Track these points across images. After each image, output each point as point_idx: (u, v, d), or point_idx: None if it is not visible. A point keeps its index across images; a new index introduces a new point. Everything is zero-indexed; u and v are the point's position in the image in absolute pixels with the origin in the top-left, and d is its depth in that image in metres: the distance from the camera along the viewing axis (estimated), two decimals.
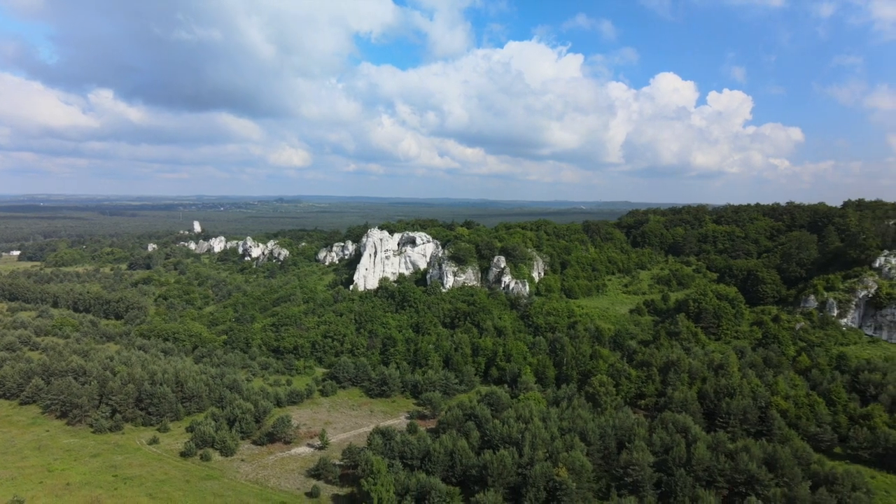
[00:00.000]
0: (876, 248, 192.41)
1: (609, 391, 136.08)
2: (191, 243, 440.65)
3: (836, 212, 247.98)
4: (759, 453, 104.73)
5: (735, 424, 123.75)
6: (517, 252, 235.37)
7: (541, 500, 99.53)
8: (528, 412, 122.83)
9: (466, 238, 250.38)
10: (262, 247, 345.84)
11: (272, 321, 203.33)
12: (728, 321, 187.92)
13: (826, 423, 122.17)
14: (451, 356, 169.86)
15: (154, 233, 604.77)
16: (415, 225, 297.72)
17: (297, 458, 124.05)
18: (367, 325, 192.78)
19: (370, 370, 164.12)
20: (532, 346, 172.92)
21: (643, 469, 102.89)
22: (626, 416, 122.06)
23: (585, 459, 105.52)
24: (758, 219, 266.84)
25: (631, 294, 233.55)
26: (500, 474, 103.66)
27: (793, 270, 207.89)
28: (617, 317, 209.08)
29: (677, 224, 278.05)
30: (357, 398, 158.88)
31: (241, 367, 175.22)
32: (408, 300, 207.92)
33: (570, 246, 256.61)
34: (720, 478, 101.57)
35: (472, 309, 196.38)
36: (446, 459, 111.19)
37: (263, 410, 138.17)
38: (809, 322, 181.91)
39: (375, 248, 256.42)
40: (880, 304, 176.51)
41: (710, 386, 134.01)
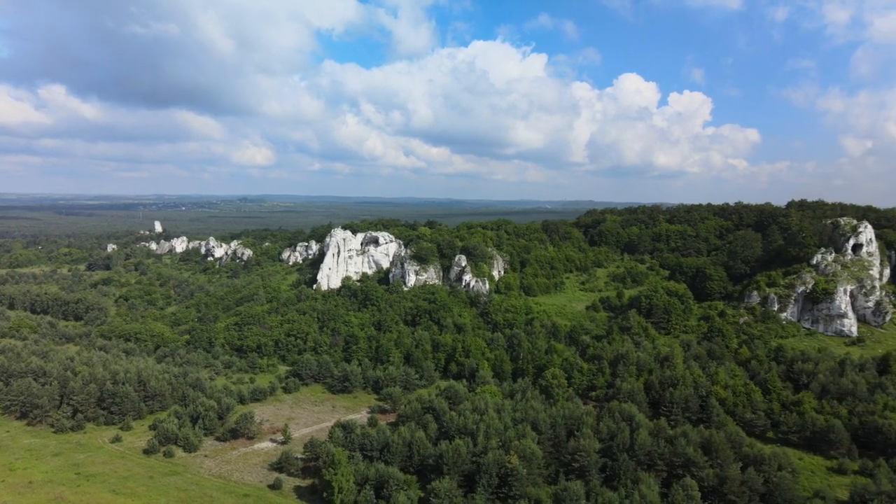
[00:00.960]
0: (814, 246, 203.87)
1: (561, 384, 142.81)
2: (152, 243, 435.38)
3: (780, 212, 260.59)
4: (696, 438, 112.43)
5: (678, 412, 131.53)
6: (478, 251, 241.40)
7: (493, 486, 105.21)
8: (484, 404, 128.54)
9: (428, 238, 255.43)
10: (226, 247, 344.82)
11: (235, 320, 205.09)
12: (677, 316, 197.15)
13: (761, 409, 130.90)
14: (411, 352, 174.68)
15: (113, 233, 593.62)
16: (378, 225, 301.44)
17: (259, 453, 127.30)
18: (330, 324, 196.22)
19: (332, 367, 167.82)
20: (490, 341, 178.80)
21: (589, 455, 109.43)
22: (577, 407, 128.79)
23: (536, 447, 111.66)
24: (708, 218, 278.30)
25: (587, 291, 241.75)
26: (455, 463, 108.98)
27: (738, 267, 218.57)
28: (573, 313, 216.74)
29: (633, 223, 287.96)
30: (320, 394, 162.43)
31: (204, 366, 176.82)
32: (370, 299, 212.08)
33: (529, 245, 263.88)
34: (660, 461, 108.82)
35: (433, 307, 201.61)
36: (404, 450, 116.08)
37: (226, 407, 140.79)
38: (752, 316, 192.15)
39: (339, 247, 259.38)
40: (817, 298, 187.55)
41: (655, 377, 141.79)
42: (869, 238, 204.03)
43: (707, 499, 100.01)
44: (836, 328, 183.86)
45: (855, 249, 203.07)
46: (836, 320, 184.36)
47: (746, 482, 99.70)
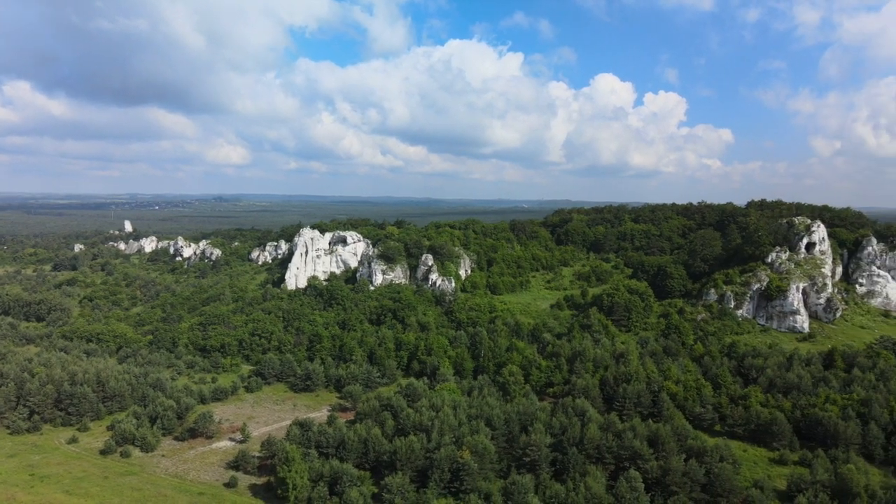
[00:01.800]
0: (769, 244, 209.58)
1: (518, 381, 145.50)
2: (120, 243, 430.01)
3: (740, 211, 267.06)
4: (643, 432, 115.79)
5: (630, 407, 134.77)
6: (444, 250, 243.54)
7: (445, 481, 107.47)
8: (441, 401, 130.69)
9: (396, 237, 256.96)
10: (194, 246, 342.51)
11: (199, 321, 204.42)
12: (638, 314, 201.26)
13: (709, 404, 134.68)
14: (374, 351, 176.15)
15: (82, 233, 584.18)
16: (346, 224, 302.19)
17: (217, 452, 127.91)
18: (295, 323, 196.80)
19: (295, 366, 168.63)
20: (453, 340, 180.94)
21: (540, 449, 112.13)
22: (532, 403, 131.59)
23: (489, 442, 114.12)
24: (672, 218, 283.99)
25: (553, 290, 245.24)
26: (409, 458, 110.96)
27: (698, 266, 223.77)
28: (538, 311, 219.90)
29: (599, 223, 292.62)
30: (282, 393, 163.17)
31: (166, 367, 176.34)
32: (335, 298, 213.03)
33: (496, 244, 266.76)
34: (608, 454, 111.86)
35: (398, 305, 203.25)
36: (360, 447, 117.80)
37: (185, 407, 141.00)
38: (709, 313, 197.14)
39: (307, 247, 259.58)
40: (771, 296, 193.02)
41: (610, 373, 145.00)
42: (822, 237, 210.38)
43: (651, 490, 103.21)
44: (789, 324, 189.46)
45: (808, 248, 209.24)
46: (788, 317, 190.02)
47: (688, 473, 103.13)
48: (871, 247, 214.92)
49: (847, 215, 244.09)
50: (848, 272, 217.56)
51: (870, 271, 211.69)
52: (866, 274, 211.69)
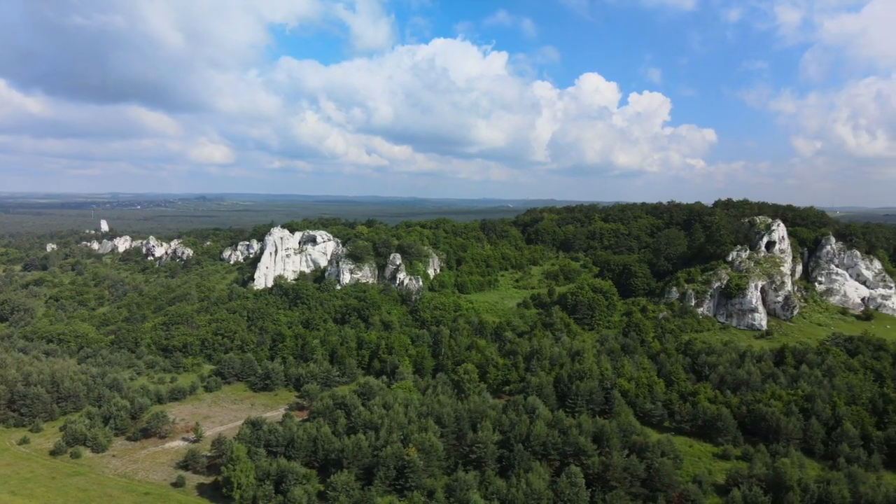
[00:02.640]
0: (730, 243, 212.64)
1: (472, 379, 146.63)
2: (94, 243, 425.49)
3: (707, 210, 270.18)
4: (589, 428, 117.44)
5: (582, 405, 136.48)
6: (413, 249, 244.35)
7: (391, 478, 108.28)
8: (393, 399, 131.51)
9: (366, 236, 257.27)
10: (166, 246, 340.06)
11: (163, 320, 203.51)
12: (601, 312, 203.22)
13: (660, 400, 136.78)
14: (336, 350, 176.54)
15: (57, 232, 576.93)
16: (317, 224, 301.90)
17: (169, 452, 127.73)
18: (259, 322, 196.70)
19: (256, 365, 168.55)
20: (416, 338, 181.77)
21: (487, 446, 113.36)
22: (484, 401, 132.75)
23: (437, 440, 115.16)
24: (641, 217, 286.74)
25: (521, 289, 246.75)
26: (356, 456, 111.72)
27: (662, 265, 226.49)
28: (504, 310, 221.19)
29: (570, 222, 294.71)
30: (241, 393, 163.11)
31: (127, 367, 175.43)
32: (300, 297, 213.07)
33: (466, 243, 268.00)
34: (553, 451, 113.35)
35: (363, 305, 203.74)
36: (309, 445, 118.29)
37: (139, 407, 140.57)
38: (671, 311, 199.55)
39: (276, 246, 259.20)
40: (730, 294, 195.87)
41: (565, 371, 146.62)
42: (781, 236, 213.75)
43: (592, 485, 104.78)
44: (748, 322, 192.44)
45: (769, 247, 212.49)
46: (747, 314, 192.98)
47: (628, 468, 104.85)
48: (830, 245, 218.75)
49: (809, 214, 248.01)
50: (808, 270, 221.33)
51: (828, 269, 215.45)
52: (825, 272, 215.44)
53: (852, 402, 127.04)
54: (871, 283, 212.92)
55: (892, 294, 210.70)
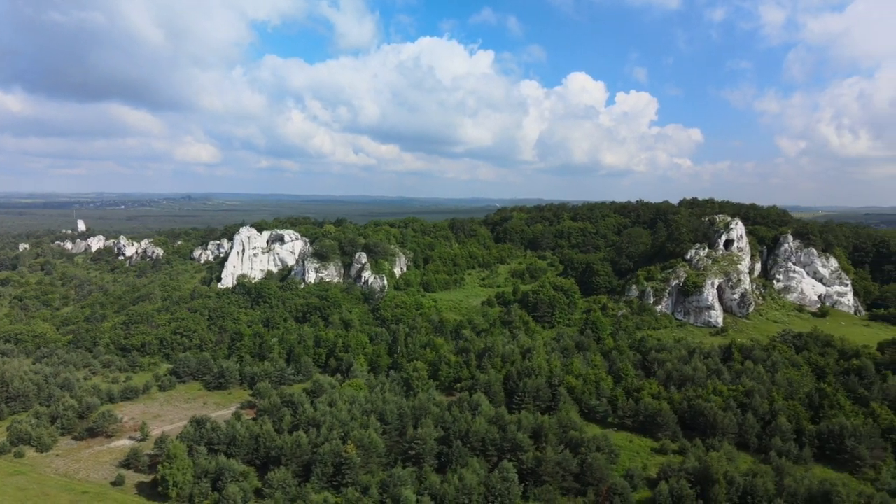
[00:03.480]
0: (689, 241, 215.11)
1: (421, 376, 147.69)
2: (67, 243, 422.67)
3: (672, 209, 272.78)
4: (528, 424, 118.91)
5: (529, 401, 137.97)
6: (379, 248, 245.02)
7: (328, 475, 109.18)
8: (339, 397, 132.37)
9: (333, 235, 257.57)
10: (137, 245, 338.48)
11: (123, 319, 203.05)
12: (561, 310, 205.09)
13: (605, 396, 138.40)
14: (294, 348, 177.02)
15: (33, 232, 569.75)
16: (285, 223, 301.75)
17: (114, 451, 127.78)
18: (219, 321, 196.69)
19: (212, 364, 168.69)
20: (374, 337, 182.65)
21: (426, 442, 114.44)
22: (429, 398, 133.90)
23: (377, 437, 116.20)
24: (609, 215, 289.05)
25: (487, 287, 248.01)
26: (294, 454, 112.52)
27: (623, 263, 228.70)
28: (468, 308, 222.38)
29: (538, 221, 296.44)
30: (195, 392, 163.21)
31: (83, 366, 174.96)
32: (262, 296, 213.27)
33: (434, 242, 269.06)
34: (491, 447, 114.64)
35: (325, 303, 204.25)
36: (251, 443, 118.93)
37: (88, 406, 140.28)
38: (629, 309, 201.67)
39: (243, 245, 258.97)
40: (688, 291, 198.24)
41: (515, 368, 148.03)
42: (740, 234, 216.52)
43: (526, 479, 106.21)
44: (705, 319, 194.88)
45: (727, 245, 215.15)
46: (704, 312, 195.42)
47: (561, 463, 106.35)
48: (788, 244, 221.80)
49: (771, 213, 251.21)
50: (767, 268, 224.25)
51: (786, 267, 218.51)
52: (783, 270, 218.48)
53: (790, 397, 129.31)
54: (827, 280, 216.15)
55: (848, 291, 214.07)
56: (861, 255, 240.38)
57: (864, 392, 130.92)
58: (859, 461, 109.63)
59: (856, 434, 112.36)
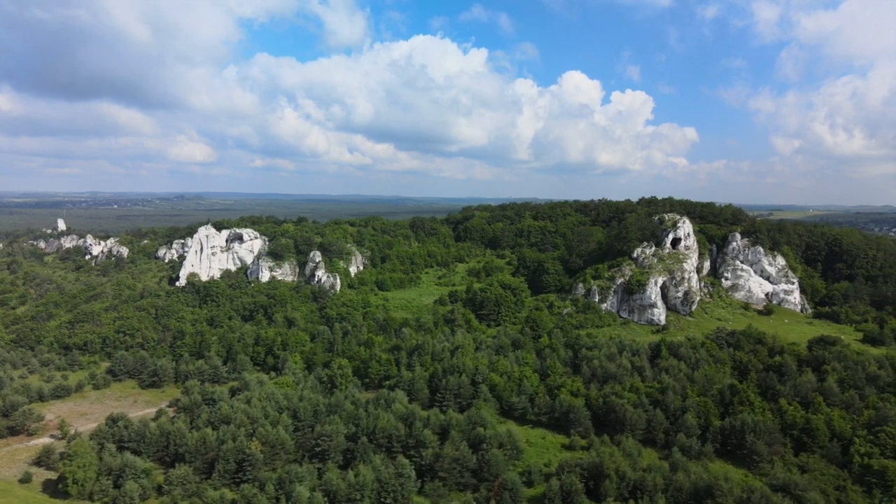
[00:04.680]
0: (636, 240, 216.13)
1: (345, 374, 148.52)
2: (41, 242, 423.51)
3: (630, 208, 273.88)
4: (437, 421, 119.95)
5: (450, 399, 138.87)
6: (334, 247, 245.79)
7: (230, 472, 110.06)
8: (258, 394, 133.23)
9: (290, 234, 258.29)
10: (103, 244, 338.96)
11: (69, 318, 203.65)
12: (508, 308, 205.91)
13: (527, 393, 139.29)
14: (233, 346, 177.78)
15: (13, 231, 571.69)
16: (245, 221, 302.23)
17: (31, 449, 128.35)
18: (164, 320, 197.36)
19: (149, 362, 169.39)
20: (316, 335, 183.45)
21: (333, 439, 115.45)
22: (347, 395, 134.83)
23: (285, 433, 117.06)
24: (570, 214, 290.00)
25: (443, 286, 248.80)
26: (199, 451, 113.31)
27: (574, 261, 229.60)
28: (419, 307, 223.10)
29: (500, 219, 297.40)
30: (129, 390, 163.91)
31: (22, 365, 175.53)
32: (211, 295, 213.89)
33: (393, 241, 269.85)
34: (396, 443, 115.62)
35: (271, 302, 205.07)
36: (162, 440, 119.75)
37: (12, 405, 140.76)
38: (575, 307, 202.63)
39: (202, 244, 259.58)
40: (631, 290, 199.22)
41: (441, 366, 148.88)
42: (687, 232, 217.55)
43: (425, 476, 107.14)
44: (648, 317, 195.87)
45: (675, 243, 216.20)
46: (647, 310, 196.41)
47: (458, 459, 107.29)
48: (736, 242, 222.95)
49: (725, 212, 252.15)
50: (716, 267, 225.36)
51: (734, 265, 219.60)
52: (731, 268, 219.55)
53: (703, 394, 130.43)
54: (774, 278, 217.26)
55: (795, 290, 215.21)
56: (814, 254, 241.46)
57: (781, 388, 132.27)
58: (757, 456, 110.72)
59: (755, 430, 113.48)
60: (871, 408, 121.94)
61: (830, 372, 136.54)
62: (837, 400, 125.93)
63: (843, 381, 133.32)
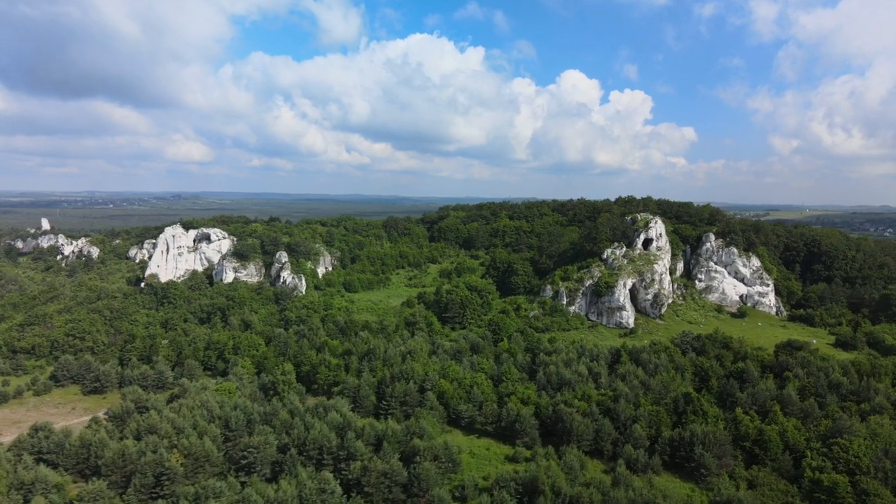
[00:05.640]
0: (606, 240, 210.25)
1: (288, 380, 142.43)
2: (18, 241, 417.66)
3: (607, 207, 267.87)
4: (371, 432, 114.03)
5: (396, 406, 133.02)
6: (302, 248, 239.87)
7: (148, 486, 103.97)
8: (192, 402, 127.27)
9: (258, 234, 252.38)
10: (74, 244, 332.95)
11: (21, 321, 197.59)
12: (473, 311, 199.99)
13: (477, 401, 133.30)
14: (183, 350, 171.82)
15: None
16: (214, 221, 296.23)
17: None
18: (117, 323, 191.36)
19: (93, 367, 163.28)
20: (273, 338, 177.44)
21: (261, 451, 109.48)
22: (284, 404, 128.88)
23: (211, 445, 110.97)
24: (547, 214, 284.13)
25: (413, 287, 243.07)
26: (116, 463, 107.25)
27: (543, 263, 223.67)
28: (385, 309, 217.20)
29: (476, 219, 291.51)
30: (71, 396, 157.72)
31: None
32: (168, 297, 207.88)
33: (364, 241, 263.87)
34: (327, 455, 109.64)
35: (230, 304, 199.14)
36: (82, 452, 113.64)
37: None
38: (542, 310, 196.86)
39: (167, 244, 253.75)
40: (600, 292, 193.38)
41: (390, 372, 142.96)
42: (659, 233, 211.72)
43: (352, 490, 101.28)
44: (616, 320, 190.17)
45: (646, 244, 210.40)
46: (616, 313, 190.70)
47: (387, 474, 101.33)
48: (710, 243, 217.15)
49: (702, 212, 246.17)
50: (689, 268, 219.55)
51: (708, 267, 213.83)
52: (704, 269, 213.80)
53: (657, 403, 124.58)
54: (748, 280, 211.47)
55: (769, 292, 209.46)
56: (792, 255, 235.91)
57: (740, 395, 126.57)
58: (705, 470, 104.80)
59: (705, 441, 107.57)
60: (829, 417, 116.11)
61: (792, 379, 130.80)
62: (796, 409, 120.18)
63: (804, 388, 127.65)
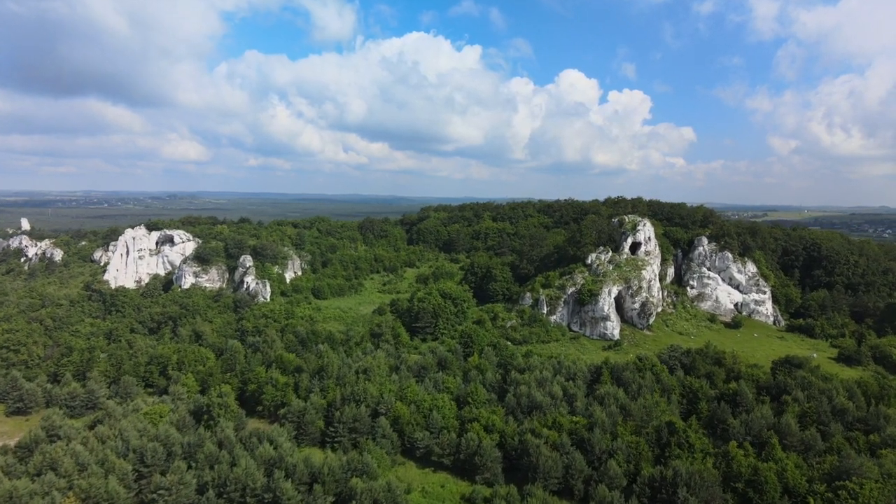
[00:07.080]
0: (591, 244, 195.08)
1: (225, 402, 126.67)
2: None
3: (594, 208, 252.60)
4: (304, 469, 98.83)
5: (344, 433, 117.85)
6: (268, 251, 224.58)
7: None
8: (107, 430, 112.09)
9: (223, 236, 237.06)
10: (38, 246, 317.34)
11: None
12: (446, 320, 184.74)
13: (436, 428, 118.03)
14: (123, 365, 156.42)
15: None
16: (178, 223, 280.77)
17: None
18: (56, 334, 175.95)
19: (22, 384, 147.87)
20: (224, 351, 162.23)
21: (174, 492, 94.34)
22: (213, 433, 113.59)
23: (117, 485, 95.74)
24: (532, 215, 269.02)
25: (387, 293, 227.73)
26: None
27: (524, 268, 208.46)
28: (354, 317, 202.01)
29: (457, 221, 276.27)
30: None
31: None
32: (116, 304, 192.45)
33: (337, 244, 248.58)
34: (251, 498, 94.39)
35: (183, 312, 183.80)
36: None
37: None
38: (520, 320, 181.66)
39: (127, 247, 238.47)
40: (583, 300, 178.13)
41: (340, 393, 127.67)
42: (648, 236, 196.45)
43: None
44: (600, 331, 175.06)
45: (634, 248, 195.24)
46: (599, 323, 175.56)
47: None
48: (702, 247, 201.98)
49: (696, 214, 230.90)
50: (681, 274, 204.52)
51: (700, 273, 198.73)
52: (697, 276, 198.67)
53: (637, 432, 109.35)
54: (744, 287, 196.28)
55: (766, 299, 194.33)
56: (791, 259, 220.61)
57: (733, 422, 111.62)
58: None
59: (689, 483, 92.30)
60: (833, 451, 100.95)
61: (791, 404, 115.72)
62: (796, 440, 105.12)
63: (804, 415, 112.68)
